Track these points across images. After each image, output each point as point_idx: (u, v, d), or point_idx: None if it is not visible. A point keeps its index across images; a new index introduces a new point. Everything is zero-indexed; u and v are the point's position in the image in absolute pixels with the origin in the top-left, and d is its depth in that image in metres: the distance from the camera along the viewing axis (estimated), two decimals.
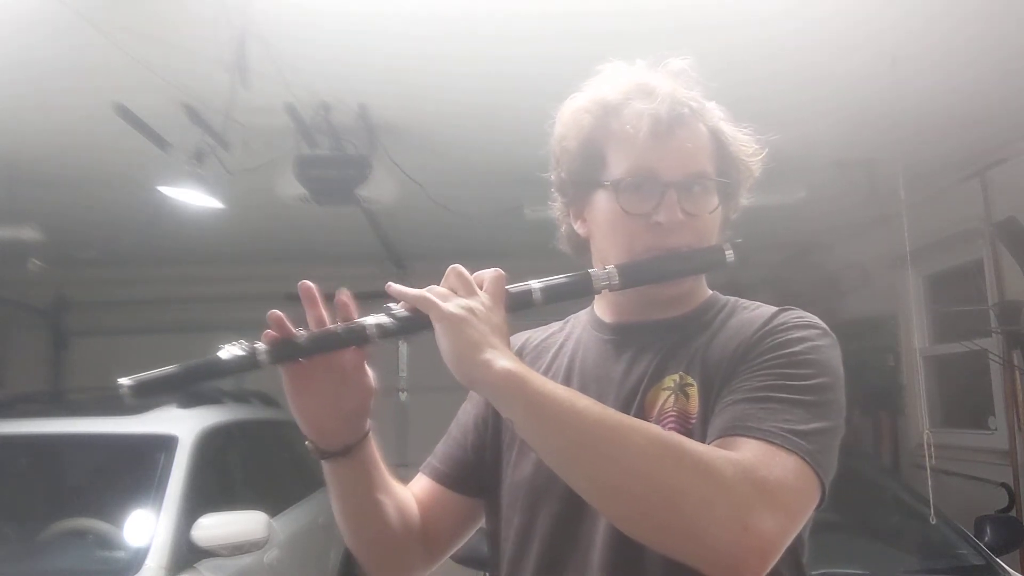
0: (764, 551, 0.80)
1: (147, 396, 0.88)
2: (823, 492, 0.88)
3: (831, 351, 0.98)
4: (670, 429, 0.95)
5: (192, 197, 3.89)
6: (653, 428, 0.86)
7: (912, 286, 4.47)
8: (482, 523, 1.14)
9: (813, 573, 2.78)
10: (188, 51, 2.76)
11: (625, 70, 1.06)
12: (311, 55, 2.87)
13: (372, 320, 0.93)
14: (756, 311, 1.04)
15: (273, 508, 3.24)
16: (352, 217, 4.45)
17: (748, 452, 0.84)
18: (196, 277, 5.87)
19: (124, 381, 0.87)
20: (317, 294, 0.94)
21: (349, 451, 0.99)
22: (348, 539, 1.07)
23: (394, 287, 0.94)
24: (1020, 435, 3.81)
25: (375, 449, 1.03)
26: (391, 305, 0.93)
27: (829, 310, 5.85)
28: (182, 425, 3.14)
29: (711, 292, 1.12)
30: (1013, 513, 3.58)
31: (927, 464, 3.37)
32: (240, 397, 3.96)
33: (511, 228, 4.44)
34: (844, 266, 5.59)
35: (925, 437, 3.50)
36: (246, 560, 2.88)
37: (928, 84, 3.12)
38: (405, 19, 2.67)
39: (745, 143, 1.08)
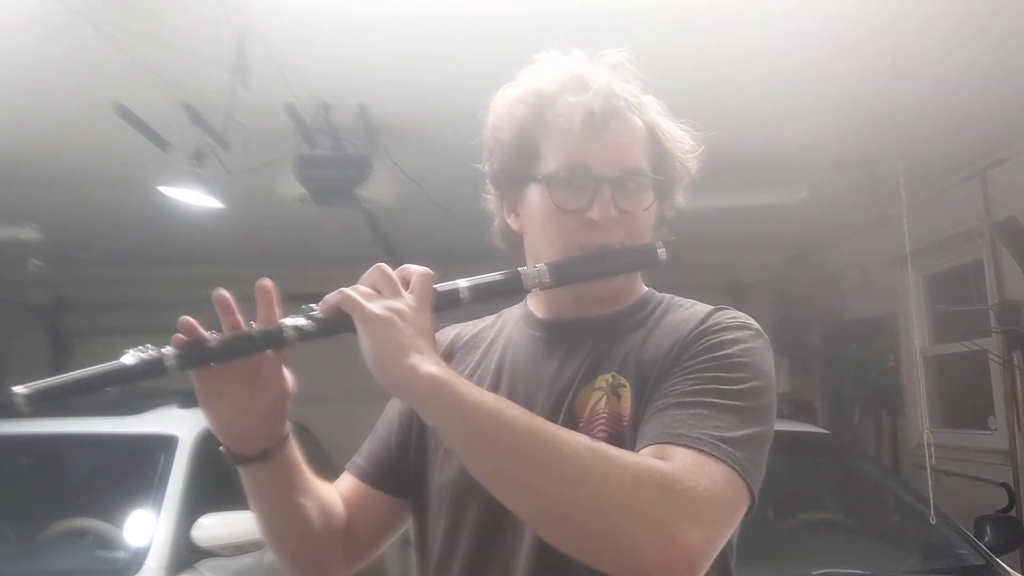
0: (690, 562, 0.79)
1: (44, 404, 0.83)
2: (752, 499, 0.87)
3: (763, 353, 0.96)
4: (601, 431, 0.94)
5: (192, 197, 3.89)
6: (581, 438, 0.84)
7: (912, 286, 4.46)
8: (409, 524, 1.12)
9: (813, 573, 2.79)
10: (188, 51, 2.76)
11: (561, 61, 1.03)
12: (311, 55, 2.87)
13: (290, 322, 0.89)
14: (690, 310, 1.03)
15: None
16: (352, 217, 4.44)
17: (677, 462, 0.83)
18: (196, 277, 5.83)
19: (19, 389, 0.83)
20: (232, 302, 0.90)
21: (267, 456, 0.96)
22: (268, 543, 1.05)
23: (322, 303, 0.89)
24: (1020, 435, 3.81)
25: (295, 451, 1.00)
26: (311, 305, 0.90)
27: (830, 310, 5.86)
28: (182, 425, 3.14)
29: (646, 289, 1.10)
30: (1013, 513, 3.57)
31: (927, 464, 3.37)
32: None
33: None
34: (844, 266, 5.58)
35: (925, 437, 3.51)
36: (246, 560, 2.88)
37: (928, 84, 3.11)
38: (405, 19, 2.67)
39: (682, 140, 1.05)
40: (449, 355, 1.13)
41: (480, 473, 0.85)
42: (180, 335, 0.88)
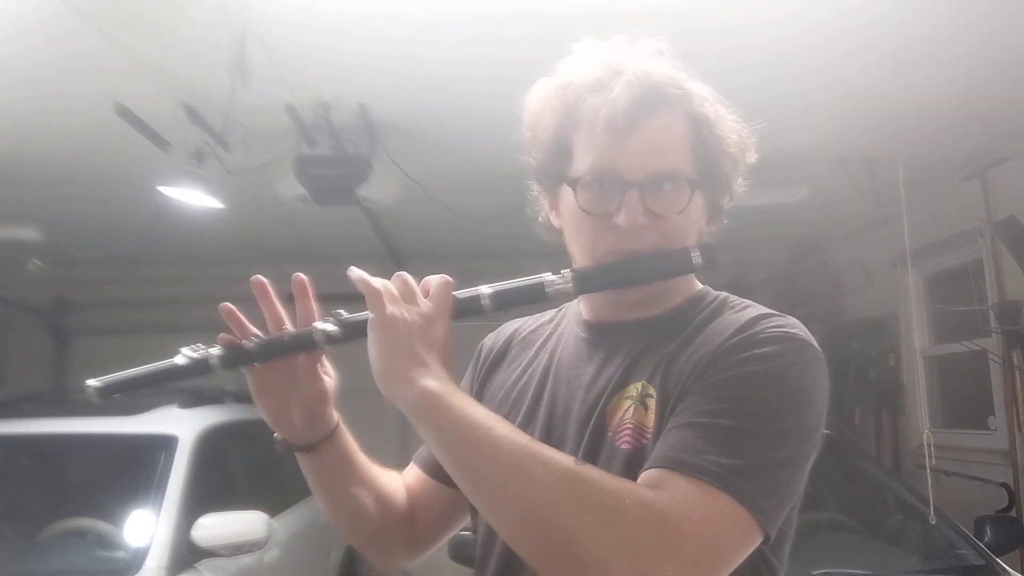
0: None
1: (112, 396, 0.94)
2: (765, 531, 0.81)
3: (806, 368, 0.88)
4: (626, 441, 0.92)
5: (192, 197, 3.90)
6: (566, 464, 0.81)
7: (912, 286, 4.46)
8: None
9: (813, 573, 2.78)
10: (188, 51, 2.76)
11: (597, 50, 0.99)
12: (311, 55, 2.87)
13: (320, 326, 0.93)
14: (738, 313, 0.95)
15: (273, 508, 3.24)
16: (352, 217, 4.44)
17: (669, 492, 0.78)
18: (196, 277, 5.86)
19: (92, 382, 0.93)
20: (271, 289, 0.96)
21: (314, 448, 1.01)
22: (332, 524, 1.10)
23: (355, 272, 0.91)
24: (1020, 435, 3.81)
25: (349, 443, 1.04)
26: (340, 311, 0.93)
27: (830, 310, 5.86)
28: (182, 425, 3.14)
29: (699, 288, 1.04)
30: (1013, 513, 3.57)
31: (927, 464, 3.37)
32: (241, 397, 3.96)
33: (511, 228, 4.43)
34: (845, 266, 5.59)
35: (925, 437, 3.51)
36: (246, 560, 2.88)
37: (929, 84, 3.11)
38: (405, 19, 2.67)
39: (731, 128, 0.99)
40: (506, 349, 1.15)
41: (464, 489, 0.86)
42: (225, 335, 0.94)
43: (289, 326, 0.96)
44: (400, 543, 1.10)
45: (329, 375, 1.00)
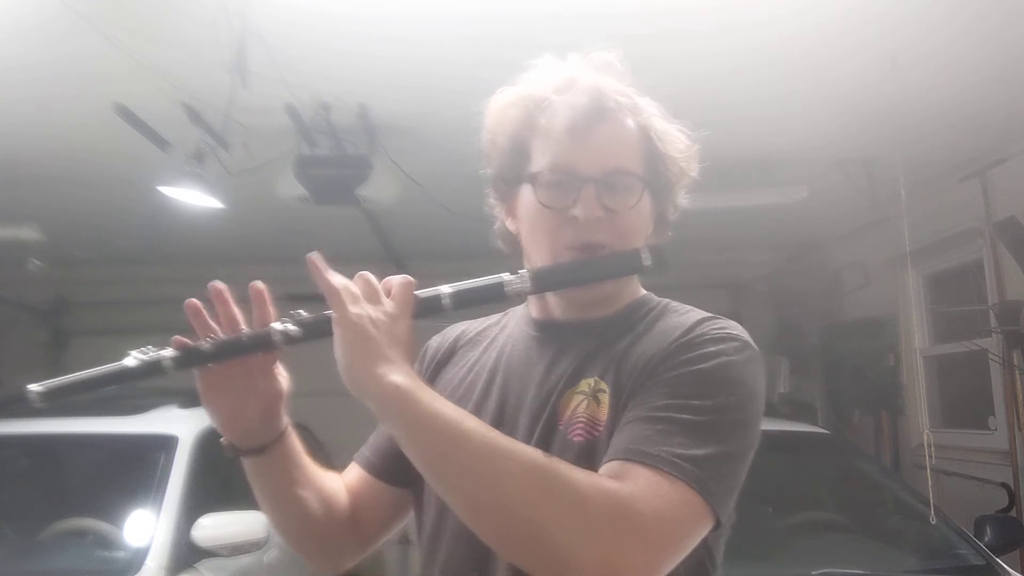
0: None
1: (55, 401, 0.91)
2: (717, 517, 0.87)
3: (745, 366, 0.95)
4: (579, 435, 0.96)
5: (192, 197, 3.89)
6: (533, 455, 0.85)
7: (912, 286, 4.46)
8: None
9: (813, 573, 2.78)
10: (188, 51, 2.77)
11: (556, 65, 1.05)
12: (311, 55, 2.87)
13: (279, 326, 0.93)
14: (682, 317, 1.02)
15: None
16: (352, 217, 4.44)
17: (631, 482, 0.83)
18: (196, 277, 5.82)
19: (34, 387, 0.91)
20: (228, 295, 0.96)
21: (264, 450, 1.01)
22: (275, 530, 1.10)
23: (315, 258, 0.92)
24: (1020, 435, 3.81)
25: (296, 445, 1.05)
26: (300, 312, 0.94)
27: (830, 310, 5.86)
28: (182, 425, 3.14)
29: (643, 293, 1.10)
30: (1013, 513, 3.57)
31: (927, 464, 3.37)
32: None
33: None
34: (844, 266, 5.59)
35: (925, 437, 3.51)
36: (246, 560, 2.88)
37: (929, 85, 3.11)
38: (405, 19, 2.67)
39: (677, 140, 1.05)
40: (452, 350, 1.17)
41: (432, 482, 0.89)
42: (179, 337, 0.94)
43: (245, 328, 0.96)
44: (344, 544, 1.12)
45: (283, 375, 1.01)
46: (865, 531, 3.18)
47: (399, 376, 0.85)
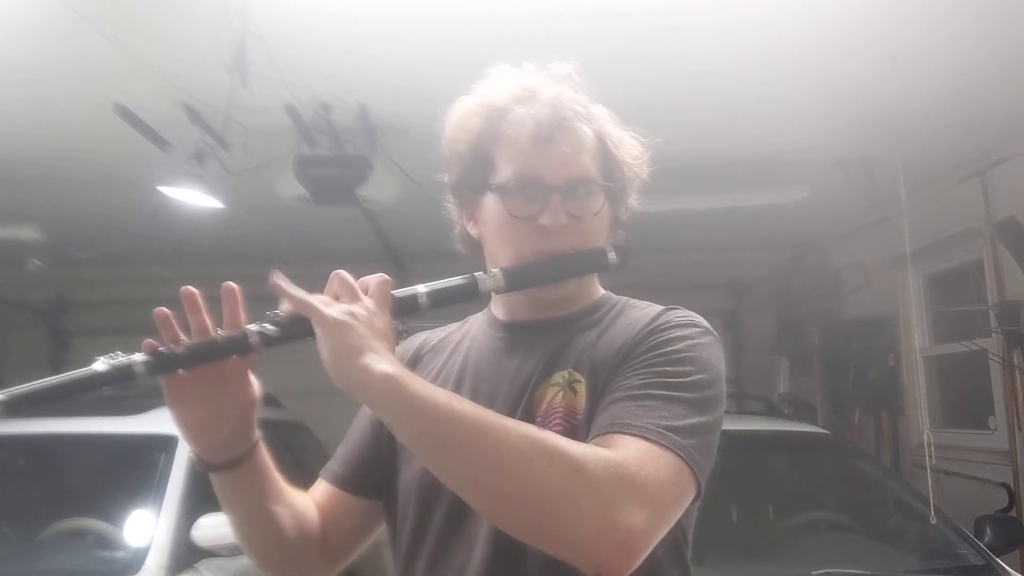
0: (631, 545, 0.83)
1: (20, 410, 0.86)
2: (699, 486, 0.91)
3: (711, 348, 1.01)
4: (557, 425, 0.98)
5: (192, 197, 3.89)
6: (528, 429, 0.87)
7: (912, 286, 4.46)
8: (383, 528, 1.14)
9: (814, 573, 2.78)
10: (188, 51, 2.77)
11: (512, 74, 1.08)
12: (311, 55, 2.87)
13: (255, 328, 0.91)
14: (644, 310, 1.07)
15: None
16: (352, 217, 4.44)
17: (623, 449, 0.87)
18: (196, 277, 5.83)
19: None
20: (200, 300, 0.93)
21: (237, 463, 0.99)
22: (243, 549, 1.08)
23: (279, 282, 0.91)
24: (1020, 435, 3.80)
25: (266, 459, 1.03)
26: (277, 312, 0.92)
27: (830, 310, 5.86)
28: None
29: (603, 292, 1.14)
30: (1013, 513, 3.57)
31: (927, 464, 3.37)
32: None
33: None
34: (845, 266, 5.58)
35: (925, 437, 3.51)
36: (246, 560, 2.85)
37: (929, 85, 3.12)
38: (405, 19, 2.67)
39: (631, 146, 1.09)
40: (415, 359, 1.17)
41: (431, 466, 0.89)
42: (151, 341, 0.91)
43: (218, 331, 0.93)
44: (315, 560, 1.10)
45: (255, 382, 0.99)
46: (865, 531, 3.18)
47: (386, 364, 0.86)
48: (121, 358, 0.89)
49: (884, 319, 5.20)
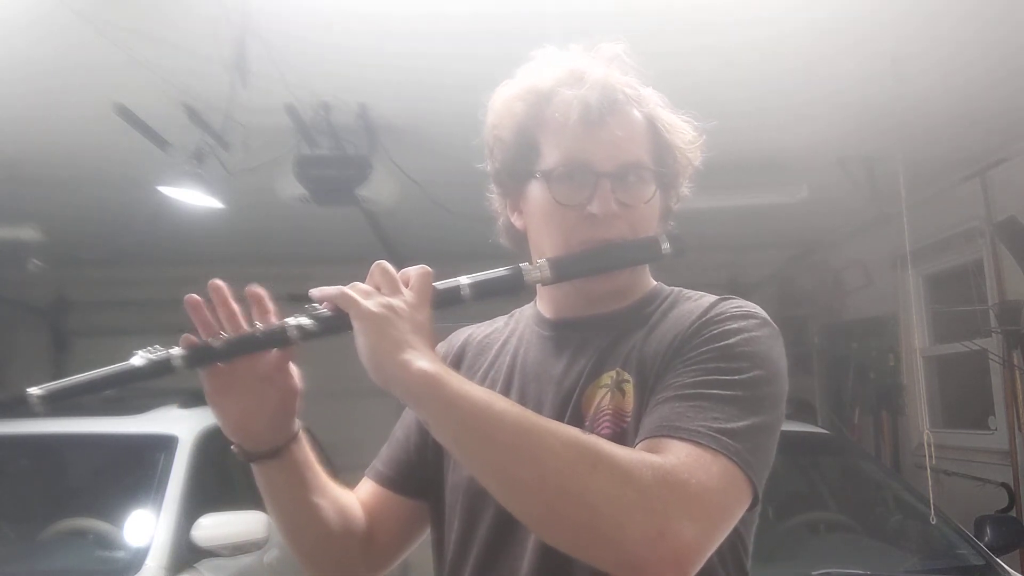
0: (681, 557, 0.78)
1: (59, 404, 0.87)
2: (755, 491, 0.85)
3: (769, 341, 0.94)
4: (606, 428, 0.94)
5: (192, 197, 3.89)
6: (571, 431, 0.83)
7: (913, 286, 4.46)
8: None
9: (813, 573, 2.78)
10: (188, 51, 2.76)
11: (558, 56, 1.03)
12: (311, 55, 2.87)
13: (293, 321, 0.90)
14: (697, 301, 1.01)
15: None
16: (352, 217, 4.44)
17: (672, 455, 0.81)
18: (196, 277, 5.81)
19: (34, 391, 0.86)
20: (227, 292, 0.92)
21: (277, 453, 0.97)
22: (287, 544, 1.04)
23: (317, 290, 0.90)
24: (1020, 435, 3.81)
25: (308, 450, 1.00)
26: (314, 305, 0.90)
27: (830, 310, 5.86)
28: (182, 425, 3.14)
29: (654, 284, 1.08)
30: (1013, 513, 3.57)
31: (927, 464, 3.37)
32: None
33: None
34: (845, 266, 5.59)
35: (925, 437, 3.51)
36: (246, 560, 2.88)
37: (929, 84, 3.11)
38: (405, 19, 2.67)
39: (683, 131, 1.04)
40: (460, 356, 1.13)
41: (469, 467, 0.86)
42: (189, 335, 0.90)
43: (245, 325, 0.92)
44: (359, 559, 1.06)
45: (296, 373, 0.97)
46: (865, 531, 3.19)
47: (425, 362, 0.83)
48: (159, 352, 0.89)
49: (884, 319, 5.20)
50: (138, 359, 0.88)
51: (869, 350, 5.36)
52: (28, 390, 0.86)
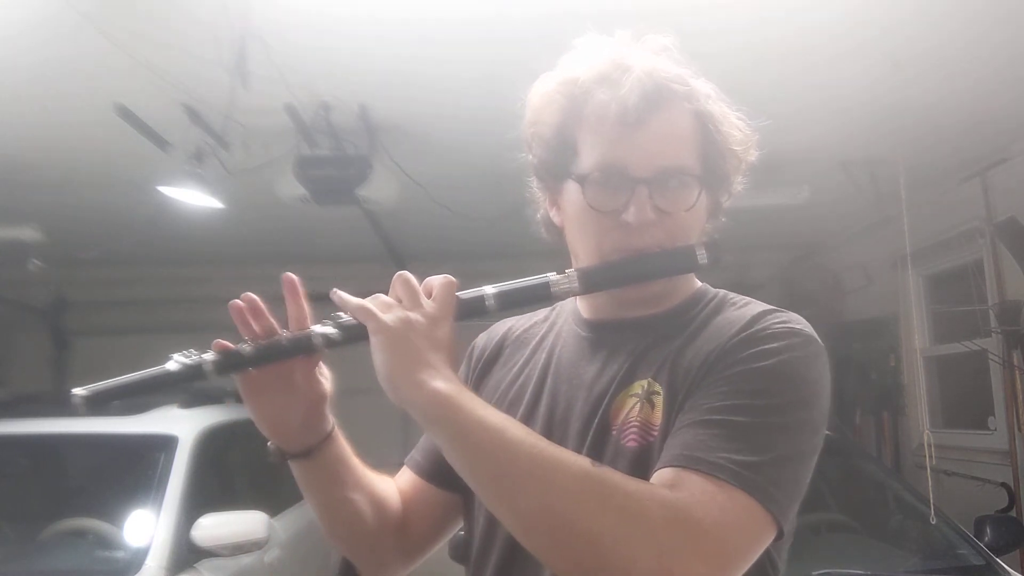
0: None
1: (101, 405, 0.90)
2: (779, 526, 0.82)
3: (811, 362, 0.88)
4: (632, 439, 0.91)
5: (192, 197, 3.89)
6: (583, 465, 0.80)
7: (913, 286, 4.46)
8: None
9: (813, 573, 2.77)
10: (188, 52, 2.76)
11: (601, 45, 0.97)
12: (311, 55, 2.87)
13: (318, 329, 0.90)
14: (741, 310, 0.95)
15: (273, 508, 3.24)
16: (352, 217, 4.44)
17: (687, 490, 0.78)
18: (196, 277, 5.86)
19: (79, 391, 0.88)
20: (262, 304, 0.92)
21: (311, 453, 0.98)
22: (324, 533, 1.07)
23: (337, 295, 0.89)
24: (1020, 435, 3.81)
25: (343, 448, 1.01)
26: (339, 313, 0.90)
27: (832, 310, 5.86)
28: (182, 425, 3.14)
29: (699, 285, 1.03)
30: (1013, 513, 3.57)
31: (927, 464, 3.37)
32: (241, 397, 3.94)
33: (512, 229, 4.43)
34: (846, 267, 5.59)
35: (925, 437, 3.51)
36: (246, 560, 2.88)
37: (930, 86, 3.12)
38: (405, 20, 2.67)
39: (736, 127, 0.99)
40: (499, 348, 1.12)
41: (480, 493, 0.85)
42: (220, 341, 0.91)
43: (283, 331, 0.93)
44: (395, 550, 1.07)
45: (326, 376, 0.98)
46: (866, 531, 3.18)
47: (441, 382, 0.81)
48: (193, 357, 0.90)
49: (885, 319, 5.21)
50: (172, 364, 0.90)
51: (870, 350, 5.36)
52: (73, 391, 0.88)
